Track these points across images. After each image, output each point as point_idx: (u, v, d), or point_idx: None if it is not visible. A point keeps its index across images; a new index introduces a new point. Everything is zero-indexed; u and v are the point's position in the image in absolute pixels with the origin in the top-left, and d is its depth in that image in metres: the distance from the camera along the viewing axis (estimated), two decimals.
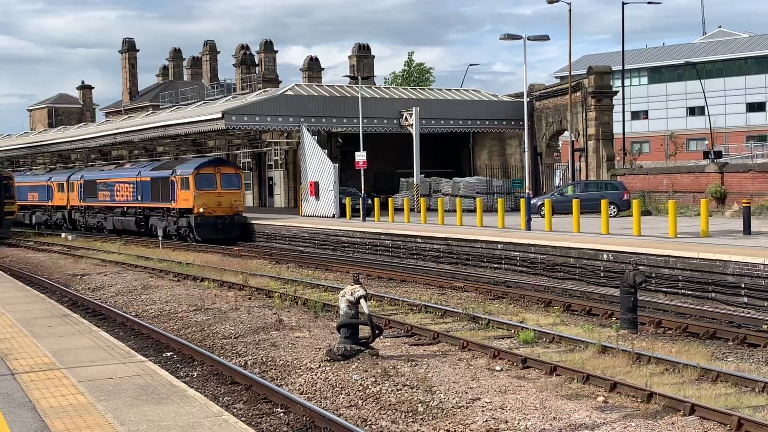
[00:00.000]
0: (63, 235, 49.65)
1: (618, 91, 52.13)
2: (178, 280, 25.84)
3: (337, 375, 12.66)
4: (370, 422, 10.43)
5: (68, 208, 55.91)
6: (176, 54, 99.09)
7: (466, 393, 11.42)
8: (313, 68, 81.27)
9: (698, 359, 12.80)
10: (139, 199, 45.89)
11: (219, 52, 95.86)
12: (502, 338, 15.34)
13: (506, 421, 10.10)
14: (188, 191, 40.86)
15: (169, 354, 15.02)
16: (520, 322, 16.36)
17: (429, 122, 53.29)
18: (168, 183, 42.83)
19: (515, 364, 13.11)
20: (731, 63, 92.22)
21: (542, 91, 56.06)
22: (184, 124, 54.56)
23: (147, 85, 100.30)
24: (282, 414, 10.92)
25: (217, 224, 40.77)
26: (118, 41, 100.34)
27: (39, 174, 64.26)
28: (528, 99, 49.68)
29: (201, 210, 40.41)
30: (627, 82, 71.55)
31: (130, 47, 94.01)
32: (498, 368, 12.97)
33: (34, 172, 67.21)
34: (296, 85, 58.29)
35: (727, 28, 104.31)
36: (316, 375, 12.78)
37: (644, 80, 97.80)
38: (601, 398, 11.03)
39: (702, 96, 71.50)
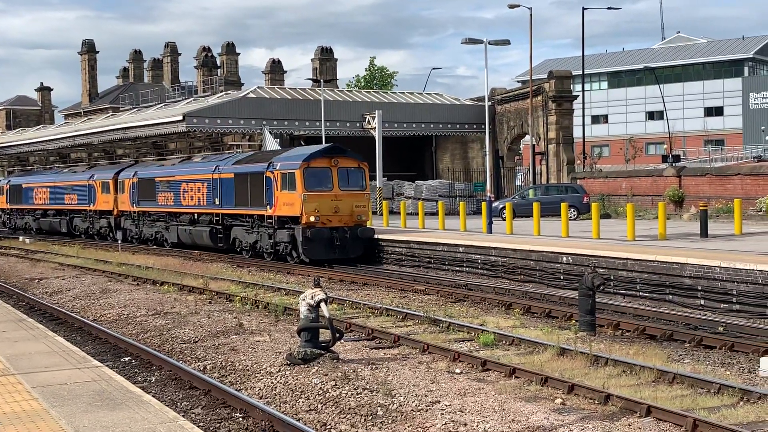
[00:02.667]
0: (21, 238, 48.90)
1: (578, 96, 52.64)
2: (138, 284, 25.58)
3: (297, 379, 12.60)
4: (329, 426, 10.39)
5: (116, 213, 44.23)
6: (137, 55, 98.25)
7: (426, 396, 11.43)
8: (275, 71, 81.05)
9: (655, 361, 12.93)
10: (217, 203, 33.95)
11: (180, 54, 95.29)
12: (463, 341, 15.38)
13: (465, 424, 10.13)
14: (293, 192, 29.05)
15: (126, 359, 14.85)
16: (481, 325, 16.41)
17: (392, 126, 53.41)
18: (261, 181, 30.92)
19: (475, 366, 13.15)
20: (689, 68, 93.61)
21: (504, 95, 56.43)
22: (144, 126, 54.15)
23: (107, 87, 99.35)
24: (241, 419, 10.84)
25: (334, 239, 28.90)
26: (78, 42, 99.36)
27: (78, 171, 52.71)
28: (490, 103, 49.96)
29: (311, 219, 28.53)
30: (587, 86, 72.27)
31: (89, 48, 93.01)
32: (458, 371, 12.99)
33: (73, 169, 55.95)
34: (258, 87, 58.09)
35: (685, 34, 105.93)
36: (275, 379, 12.71)
37: (604, 85, 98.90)
38: (559, 400, 11.10)
39: (661, 100, 72.46)
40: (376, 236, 30.39)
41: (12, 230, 58.50)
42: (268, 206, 30.38)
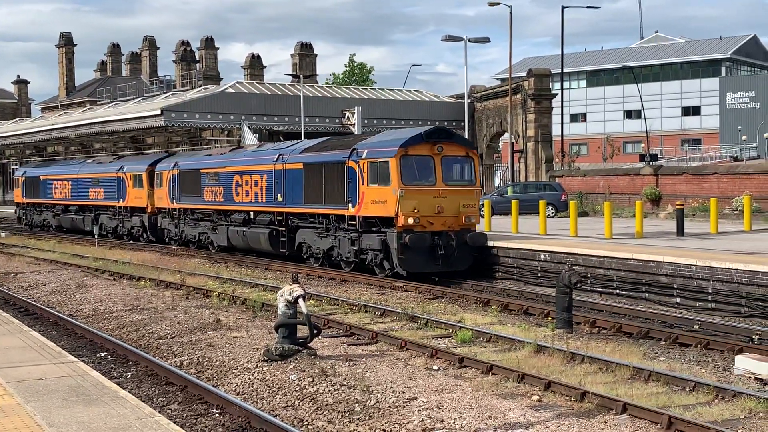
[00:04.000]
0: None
1: (557, 94, 52.88)
2: (114, 279, 25.43)
3: (274, 375, 12.57)
4: (306, 422, 10.37)
5: (150, 211, 37.79)
6: (115, 49, 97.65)
7: (404, 392, 11.44)
8: (254, 66, 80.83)
9: (631, 358, 13.01)
10: (280, 199, 27.93)
11: (159, 48, 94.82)
12: (441, 338, 15.40)
13: (442, 420, 10.14)
14: (386, 187, 22.88)
15: (102, 354, 14.75)
16: (458, 322, 16.45)
17: (371, 122, 53.43)
18: (341, 173, 24.74)
19: (452, 363, 13.17)
20: (667, 67, 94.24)
21: (483, 93, 56.59)
22: (122, 120, 53.86)
23: (84, 81, 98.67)
24: (217, 415, 10.80)
25: (436, 247, 22.80)
26: (55, 35, 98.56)
27: (105, 162, 45.44)
28: (469, 100, 50.10)
29: (410, 221, 22.61)
30: (566, 85, 72.56)
31: (67, 41, 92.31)
32: (435, 368, 13.01)
33: (98, 160, 48.86)
34: (237, 82, 57.93)
35: (664, 33, 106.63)
36: (253, 375, 12.67)
37: (583, 83, 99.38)
38: (535, 397, 11.15)
39: (639, 99, 72.91)
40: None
41: (29, 227, 52.06)
42: (350, 204, 24.20)
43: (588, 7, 56.09)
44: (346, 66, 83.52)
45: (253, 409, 10.53)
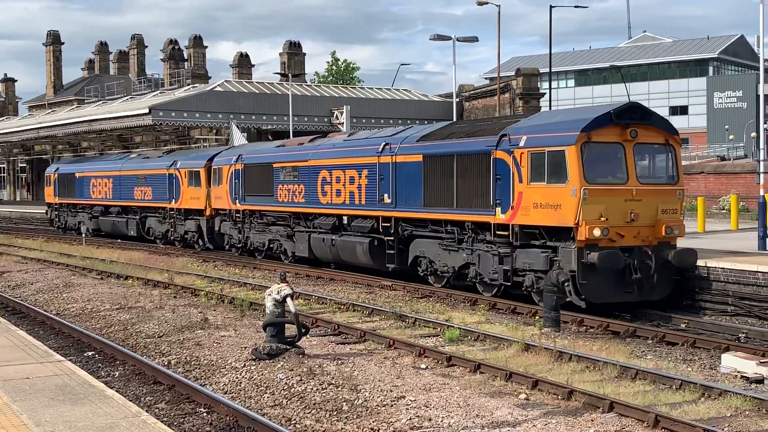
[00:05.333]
0: None
1: (545, 93, 53.00)
2: (102, 278, 25.35)
3: (262, 374, 12.57)
4: (294, 421, 10.38)
5: (208, 213, 32.32)
6: (102, 47, 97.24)
7: (391, 391, 11.45)
8: (243, 64, 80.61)
9: (618, 357, 13.07)
10: (387, 201, 22.24)
11: (147, 47, 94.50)
12: (429, 336, 15.43)
13: (430, 419, 10.16)
14: (560, 186, 17.19)
15: (90, 353, 14.71)
16: (447, 321, 16.49)
17: (360, 121, 53.36)
18: (484, 166, 19.07)
19: (440, 362, 13.20)
20: (655, 67, 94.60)
21: (472, 92, 56.68)
22: (110, 119, 53.63)
23: (72, 79, 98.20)
24: (205, 414, 10.79)
25: (630, 268, 16.95)
26: (42, 33, 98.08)
27: (153, 157, 39.42)
28: (458, 99, 50.17)
29: (596, 233, 16.67)
30: (554, 84, 72.78)
31: (54, 40, 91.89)
32: (423, 366, 13.04)
33: (145, 154, 43.11)
34: (226, 81, 57.87)
35: (651, 33, 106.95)
36: (240, 374, 12.67)
37: (571, 83, 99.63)
38: (523, 395, 11.18)
39: (627, 99, 73.06)
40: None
41: (62, 230, 46.49)
42: (499, 209, 18.49)
43: (576, 6, 56.16)
44: (328, 63, 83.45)
45: (240, 408, 10.52)
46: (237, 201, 29.72)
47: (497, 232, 18.71)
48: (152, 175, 36.58)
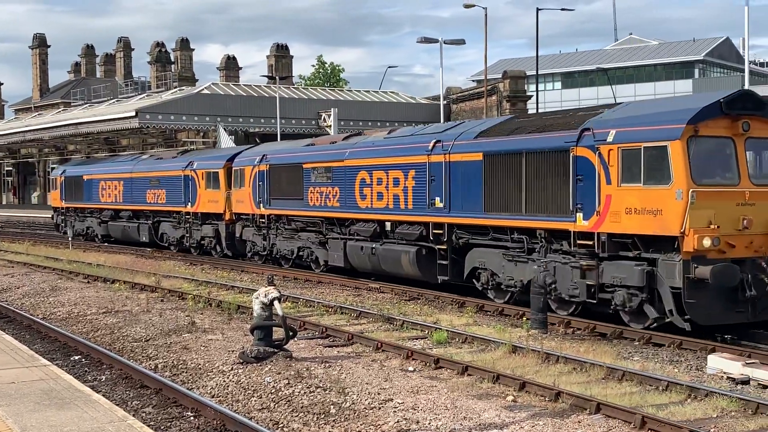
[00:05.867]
0: None
1: (532, 96, 53.14)
2: (88, 282, 25.24)
3: (249, 378, 12.55)
4: (281, 425, 10.36)
5: (228, 218, 30.02)
6: (89, 50, 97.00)
7: (379, 394, 11.45)
8: (230, 67, 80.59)
9: (605, 358, 13.10)
10: (437, 205, 20.09)
11: (133, 49, 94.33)
12: (416, 339, 15.44)
13: (417, 422, 10.16)
14: (659, 187, 14.95)
15: (76, 358, 14.65)
16: (434, 323, 16.49)
17: (347, 123, 53.45)
18: (562, 165, 16.81)
19: (428, 364, 13.21)
20: (641, 69, 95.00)
21: (459, 95, 56.81)
22: (96, 122, 53.51)
23: (58, 82, 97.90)
24: (192, 418, 10.76)
25: (741, 285, 14.56)
26: (29, 36, 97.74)
27: (166, 158, 36.94)
28: (445, 102, 50.28)
29: (705, 243, 14.35)
30: (541, 86, 72.94)
31: (40, 42, 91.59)
32: (411, 369, 13.04)
33: (158, 155, 40.71)
34: (213, 84, 57.82)
35: (638, 35, 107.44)
36: (228, 378, 12.64)
37: (558, 85, 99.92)
38: (510, 397, 11.20)
39: (613, 101, 73.33)
40: None
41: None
42: (580, 214, 16.13)
43: (563, 9, 56.37)
44: (314, 66, 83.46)
45: (228, 412, 10.50)
46: (261, 205, 27.37)
47: (578, 242, 16.24)
48: (166, 176, 34.12)
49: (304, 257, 25.92)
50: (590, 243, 16.05)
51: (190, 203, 32.20)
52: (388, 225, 21.97)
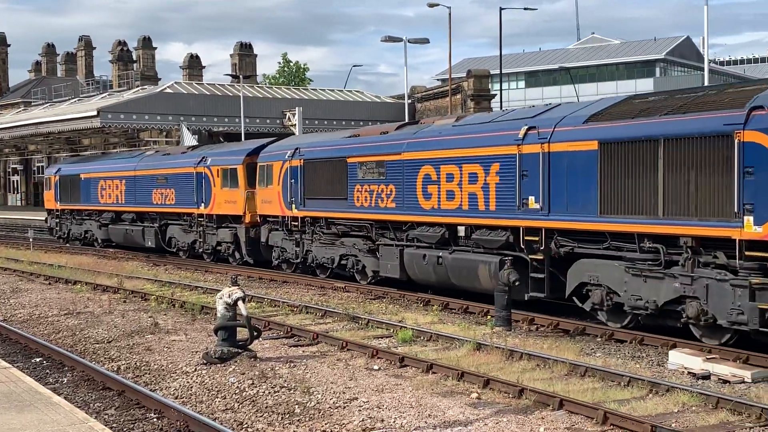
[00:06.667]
0: None
1: (496, 94, 53.41)
2: (50, 283, 24.95)
3: (213, 378, 12.48)
4: (246, 425, 10.31)
5: (248, 221, 26.94)
6: (49, 49, 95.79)
7: (344, 393, 11.45)
8: (193, 66, 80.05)
9: (568, 355, 13.22)
10: (531, 205, 16.68)
11: (95, 48, 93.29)
12: (382, 338, 15.46)
13: (382, 420, 10.18)
14: None
15: (37, 360, 14.45)
16: (400, 322, 16.52)
17: (312, 123, 53.32)
18: (718, 155, 13.37)
19: (393, 363, 13.23)
20: (603, 68, 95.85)
21: (424, 93, 56.94)
22: (57, 121, 52.84)
23: (19, 81, 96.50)
24: (155, 419, 10.67)
25: None
26: None
27: (174, 153, 33.67)
28: (410, 101, 50.37)
29: None
30: (505, 85, 73.37)
31: (0, 41, 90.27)
32: (376, 367, 13.05)
33: (165, 150, 37.50)
34: (176, 82, 57.40)
35: (600, 35, 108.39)
36: (191, 379, 12.56)
37: (521, 84, 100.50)
38: (474, 395, 11.25)
39: (576, 100, 73.93)
40: None
41: (64, 240, 40.39)
42: (749, 217, 12.93)
43: (526, 8, 56.68)
44: (279, 63, 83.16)
45: (191, 413, 10.43)
46: (293, 206, 24.07)
47: (747, 254, 12.95)
48: (175, 174, 30.88)
49: (347, 266, 22.62)
50: (764, 255, 12.77)
51: (203, 204, 29.11)
52: (461, 230, 18.66)
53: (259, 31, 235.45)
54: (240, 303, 13.59)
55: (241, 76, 52.72)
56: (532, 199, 16.57)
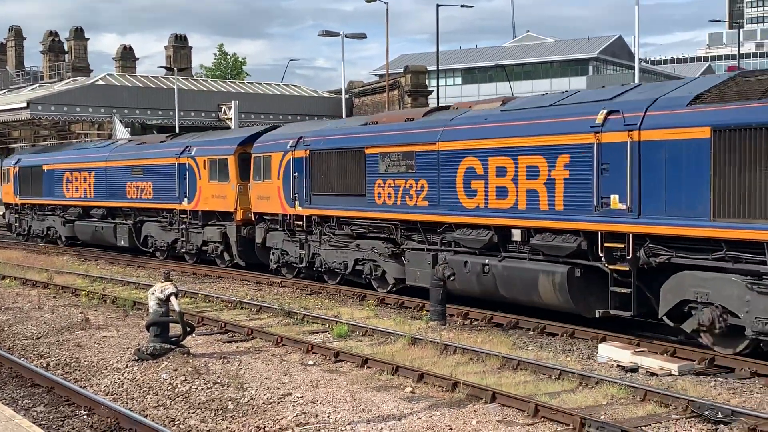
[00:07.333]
0: None
1: (433, 90, 53.69)
2: None
3: (145, 375, 12.33)
4: (178, 422, 10.21)
5: (240, 218, 24.16)
6: None
7: (278, 388, 11.41)
8: (126, 57, 78.64)
9: (501, 348, 13.38)
10: (615, 206, 13.76)
11: (25, 38, 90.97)
12: (317, 333, 15.45)
13: (316, 415, 10.17)
14: None
15: None
16: (335, 317, 16.54)
17: (248, 117, 52.93)
18: None
19: (328, 358, 13.23)
20: (538, 66, 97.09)
21: (361, 89, 56.96)
22: None
23: None
24: (85, 416, 10.49)
25: None
26: None
27: (152, 142, 30.37)
28: (347, 96, 50.34)
29: None
30: (442, 81, 73.77)
31: None
32: (311, 363, 13.04)
33: (140, 139, 33.10)
34: (108, 74, 56.45)
35: (535, 33, 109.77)
36: (123, 375, 12.39)
37: (458, 80, 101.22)
38: (408, 389, 11.31)
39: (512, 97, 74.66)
40: None
41: (24, 237, 37.01)
42: None
43: (462, 5, 57.05)
44: (215, 56, 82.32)
45: (122, 410, 10.29)
46: (297, 202, 21.33)
47: None
48: (154, 165, 27.87)
49: (363, 273, 19.92)
50: None
51: (186, 199, 26.18)
52: (515, 234, 15.75)
53: (196, 24, 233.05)
54: (173, 298, 13.45)
55: (175, 69, 52.06)
56: (615, 197, 13.77)
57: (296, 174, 21.30)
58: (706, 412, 9.78)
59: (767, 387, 11.40)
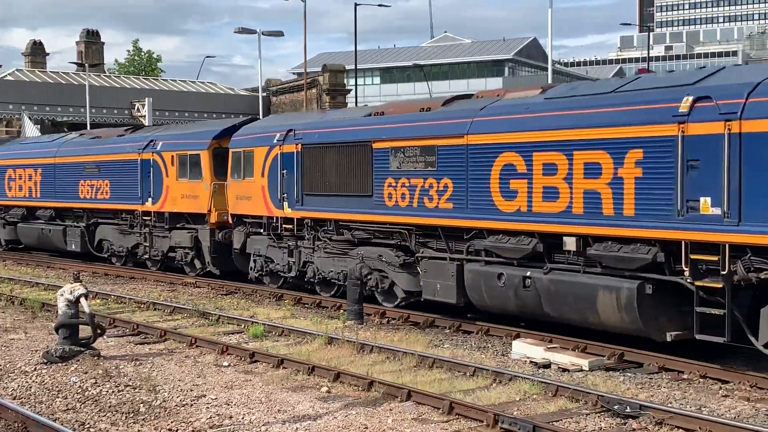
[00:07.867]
0: None
1: (351, 90, 53.77)
2: None
3: (54, 378, 12.01)
4: (88, 425, 9.97)
5: (214, 220, 21.70)
6: None
7: (192, 390, 11.26)
8: (36, 53, 76.29)
9: (417, 347, 13.47)
10: (705, 209, 11.46)
11: None
12: (233, 333, 15.29)
13: (231, 417, 10.06)
14: None
15: None
16: (251, 317, 16.40)
17: (163, 114, 52.14)
18: None
19: (243, 359, 13.10)
20: (455, 67, 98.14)
21: (279, 87, 56.67)
22: None
23: None
24: None
25: None
26: None
27: (110, 136, 27.21)
28: (264, 94, 49.96)
29: None
30: (360, 81, 73.89)
31: None
32: (226, 364, 12.89)
33: (93, 133, 29.64)
34: (17, 70, 54.87)
35: (452, 33, 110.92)
36: (31, 379, 12.04)
37: (377, 80, 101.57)
38: (324, 389, 11.29)
39: (429, 97, 75.36)
40: None
41: None
42: None
43: (380, 5, 57.23)
44: (128, 52, 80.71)
45: (30, 414, 10.00)
46: (286, 204, 18.90)
47: None
48: (112, 162, 25.08)
49: (368, 285, 17.21)
50: None
51: (150, 199, 23.49)
52: (569, 242, 13.30)
53: (109, 19, 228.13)
54: (82, 300, 13.12)
55: (86, 65, 50.85)
56: (706, 201, 11.46)
57: (285, 171, 18.86)
58: (615, 407, 10.02)
59: (674, 381, 11.74)
